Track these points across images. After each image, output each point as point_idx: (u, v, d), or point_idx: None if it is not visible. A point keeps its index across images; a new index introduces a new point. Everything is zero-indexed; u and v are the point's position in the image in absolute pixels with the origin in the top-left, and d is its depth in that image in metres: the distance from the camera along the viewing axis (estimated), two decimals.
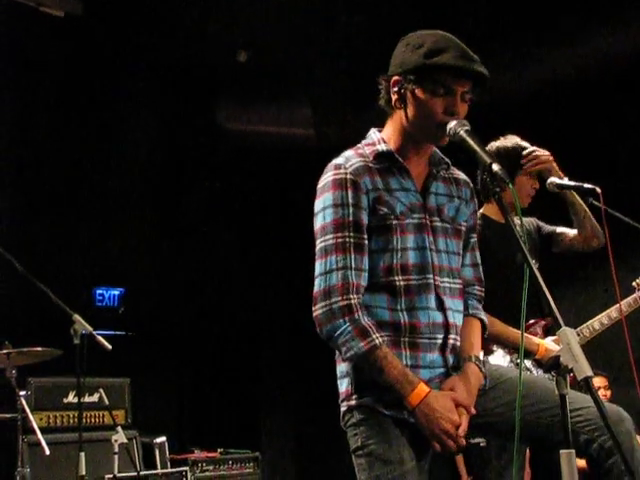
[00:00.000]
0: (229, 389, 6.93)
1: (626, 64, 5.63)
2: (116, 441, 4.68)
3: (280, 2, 5.82)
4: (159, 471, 5.17)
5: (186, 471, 5.02)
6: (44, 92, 5.99)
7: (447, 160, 2.65)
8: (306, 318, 2.50)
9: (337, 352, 2.53)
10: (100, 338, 4.28)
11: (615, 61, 5.64)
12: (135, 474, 4.90)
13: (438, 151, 2.64)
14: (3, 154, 5.74)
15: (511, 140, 3.74)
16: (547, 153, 3.69)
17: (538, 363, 3.61)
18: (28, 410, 4.52)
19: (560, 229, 3.90)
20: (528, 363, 3.59)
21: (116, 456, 4.68)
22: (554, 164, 3.67)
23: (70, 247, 6.38)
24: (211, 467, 5.47)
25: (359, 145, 2.62)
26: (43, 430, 4.57)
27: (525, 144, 3.73)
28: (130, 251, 6.72)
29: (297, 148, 7.04)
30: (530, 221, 3.93)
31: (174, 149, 7.06)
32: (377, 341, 2.37)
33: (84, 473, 3.92)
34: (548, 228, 3.94)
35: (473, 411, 2.42)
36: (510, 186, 2.14)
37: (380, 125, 2.65)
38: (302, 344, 5.02)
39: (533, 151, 3.67)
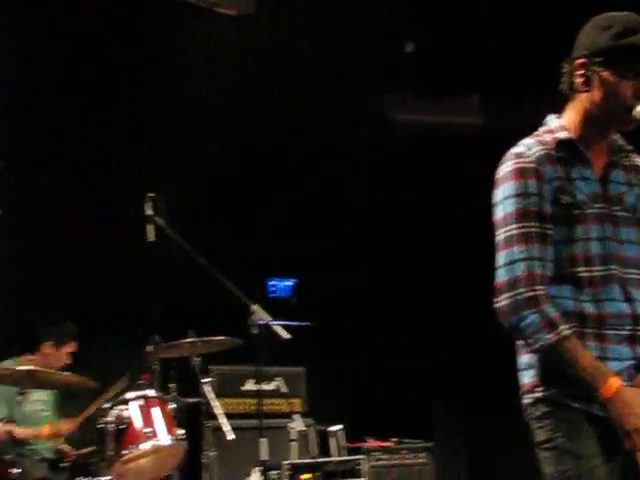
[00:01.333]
0: (403, 379, 6.94)
1: None
2: (293, 428, 4.80)
3: None
4: (335, 459, 5.26)
5: (361, 460, 5.08)
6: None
7: (628, 147, 2.56)
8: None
9: (519, 344, 2.48)
10: (277, 328, 4.42)
11: None
12: (312, 461, 5.01)
13: (618, 138, 2.55)
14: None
15: None
16: None
17: None
18: (212, 396, 4.70)
19: None
20: None
21: (293, 443, 4.80)
22: None
23: (242, 241, 6.60)
24: (385, 456, 5.51)
25: (538, 132, 2.55)
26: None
27: None
28: (302, 242, 6.85)
29: (463, 137, 6.96)
30: None
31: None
32: (566, 332, 2.31)
33: (266, 458, 4.07)
34: None
35: None
36: None
37: (553, 112, 2.59)
38: (479, 338, 4.96)
39: None
